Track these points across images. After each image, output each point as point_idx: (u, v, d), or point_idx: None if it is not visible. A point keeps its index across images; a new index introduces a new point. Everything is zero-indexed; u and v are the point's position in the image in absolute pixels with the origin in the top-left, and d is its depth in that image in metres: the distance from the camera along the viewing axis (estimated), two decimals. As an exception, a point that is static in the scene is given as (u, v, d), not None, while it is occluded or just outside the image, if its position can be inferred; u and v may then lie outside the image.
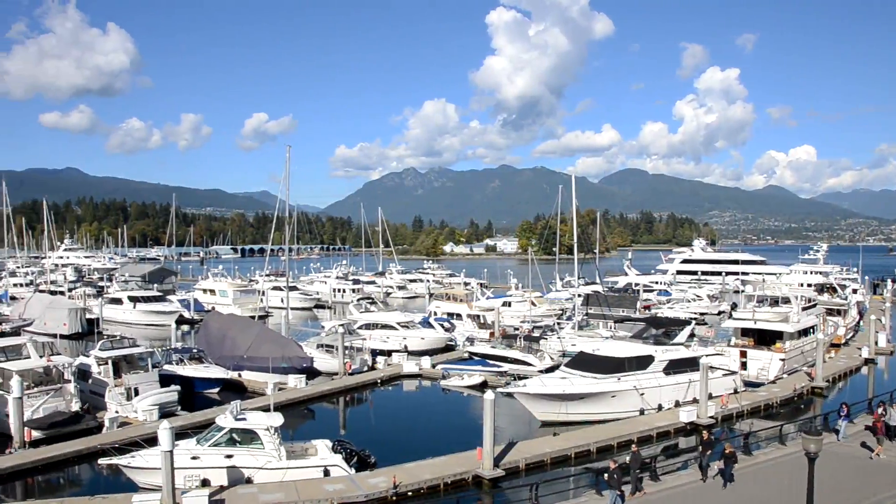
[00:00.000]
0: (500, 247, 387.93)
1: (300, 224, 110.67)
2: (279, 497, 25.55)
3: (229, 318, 57.27)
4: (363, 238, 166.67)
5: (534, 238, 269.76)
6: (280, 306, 78.29)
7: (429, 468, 28.65)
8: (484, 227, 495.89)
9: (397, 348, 57.94)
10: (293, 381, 45.58)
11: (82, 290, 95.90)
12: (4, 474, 30.00)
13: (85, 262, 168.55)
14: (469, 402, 44.73)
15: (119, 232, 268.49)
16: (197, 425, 32.94)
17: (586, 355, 40.43)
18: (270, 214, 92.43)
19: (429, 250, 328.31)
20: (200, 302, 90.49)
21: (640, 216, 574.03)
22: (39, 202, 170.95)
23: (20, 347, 40.09)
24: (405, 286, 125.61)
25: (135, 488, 27.17)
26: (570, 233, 71.06)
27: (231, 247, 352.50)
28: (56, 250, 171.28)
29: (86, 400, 38.94)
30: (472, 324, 67.42)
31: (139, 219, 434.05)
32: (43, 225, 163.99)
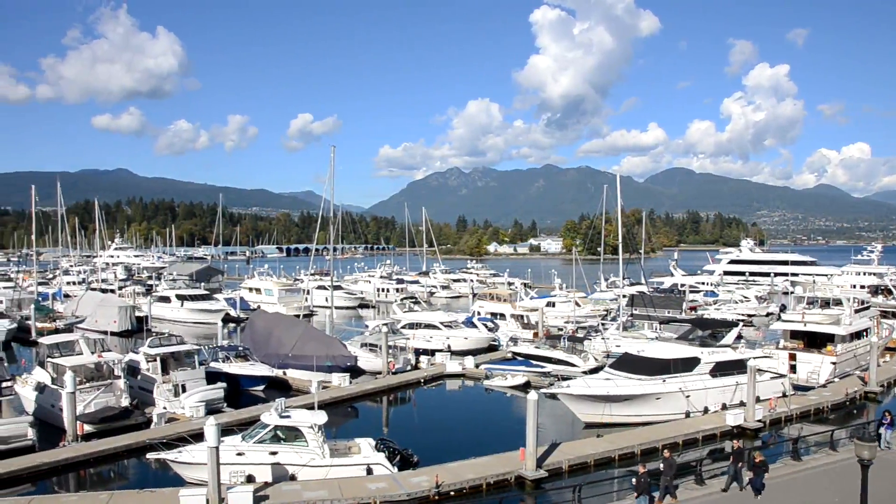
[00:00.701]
0: (544, 247, 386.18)
1: (344, 224, 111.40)
2: (322, 494, 25.74)
3: (274, 317, 57.89)
4: (407, 238, 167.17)
5: (578, 238, 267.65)
6: (324, 305, 79.07)
7: (471, 468, 28.62)
8: (528, 226, 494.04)
9: (441, 348, 57.95)
10: (337, 380, 45.89)
11: (132, 289, 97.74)
12: (59, 466, 30.94)
13: (134, 260, 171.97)
14: (512, 402, 44.61)
15: (167, 231, 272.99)
16: (242, 422, 33.38)
17: (631, 356, 40.01)
18: (315, 214, 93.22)
19: (472, 250, 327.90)
20: (246, 300, 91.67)
21: (686, 216, 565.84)
22: (91, 202, 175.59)
23: (73, 344, 41.28)
24: (449, 286, 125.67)
25: (181, 483, 27.64)
26: (614, 232, 70.64)
27: (276, 246, 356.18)
28: (107, 249, 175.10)
29: (135, 396, 39.71)
30: (516, 324, 67.19)
31: (187, 218, 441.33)
32: (95, 225, 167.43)
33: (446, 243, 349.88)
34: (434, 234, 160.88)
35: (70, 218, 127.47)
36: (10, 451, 31.80)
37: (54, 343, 41.64)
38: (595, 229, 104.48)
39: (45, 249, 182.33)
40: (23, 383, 39.87)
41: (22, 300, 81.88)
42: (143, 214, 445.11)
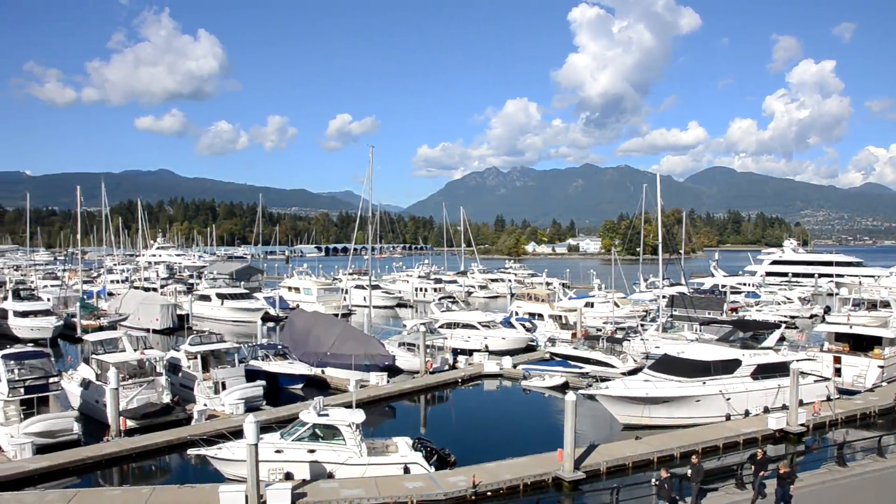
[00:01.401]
0: (582, 247, 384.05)
1: (383, 223, 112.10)
2: (360, 493, 25.87)
3: (313, 316, 58.32)
4: (445, 237, 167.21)
5: (617, 238, 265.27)
6: (363, 304, 79.49)
7: (508, 468, 28.54)
8: (566, 226, 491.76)
9: (478, 348, 57.92)
10: (375, 379, 46.09)
11: (173, 287, 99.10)
12: (103, 460, 31.58)
13: (176, 260, 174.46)
14: (550, 403, 44.40)
15: (208, 231, 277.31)
16: (281, 420, 33.71)
17: (670, 358, 39.58)
18: (354, 214, 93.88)
19: (510, 250, 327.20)
20: (285, 299, 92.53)
21: (727, 216, 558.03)
22: (134, 203, 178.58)
23: (116, 341, 42.12)
24: (487, 286, 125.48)
25: (221, 479, 27.98)
26: (654, 232, 69.76)
27: (315, 246, 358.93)
28: (149, 249, 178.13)
29: (176, 392, 40.29)
30: (554, 324, 66.86)
31: (227, 218, 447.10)
32: (138, 224, 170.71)
33: (484, 243, 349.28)
34: (472, 233, 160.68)
35: (114, 218, 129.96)
36: (57, 444, 32.51)
37: (98, 340, 42.53)
38: (634, 229, 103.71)
39: (90, 248, 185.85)
40: (69, 379, 40.78)
41: (68, 298, 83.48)
42: (185, 214, 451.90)
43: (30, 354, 37.62)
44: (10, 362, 35.70)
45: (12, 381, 34.38)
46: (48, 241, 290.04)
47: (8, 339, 62.66)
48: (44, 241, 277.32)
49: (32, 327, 66.34)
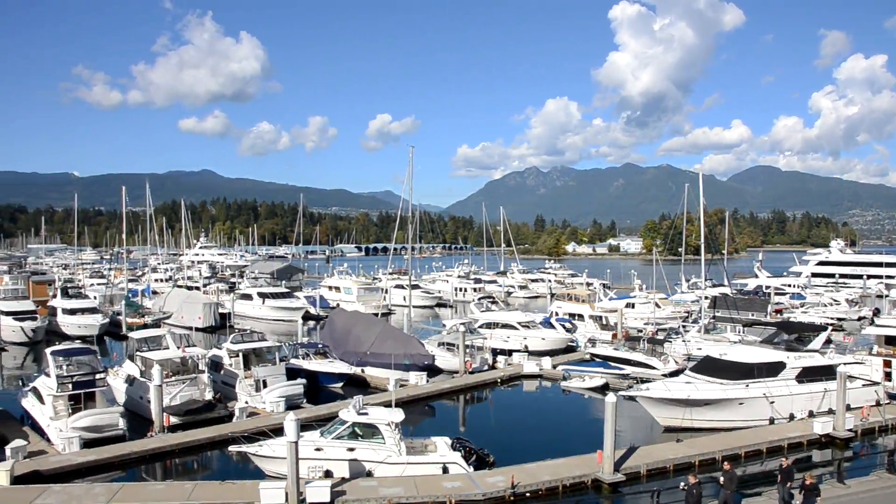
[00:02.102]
0: (623, 247, 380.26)
1: (423, 223, 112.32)
2: (398, 492, 25.95)
3: (353, 315, 58.65)
4: (485, 237, 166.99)
5: (658, 238, 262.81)
6: (402, 304, 79.77)
7: (547, 469, 28.40)
8: (607, 226, 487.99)
9: (518, 348, 57.68)
10: (414, 378, 46.19)
11: (216, 286, 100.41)
12: (147, 455, 32.20)
13: (218, 259, 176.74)
14: (590, 404, 44.07)
15: (250, 231, 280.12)
16: (321, 418, 33.96)
17: (713, 360, 39.04)
18: (394, 214, 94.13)
19: (551, 250, 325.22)
20: (326, 299, 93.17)
21: (771, 215, 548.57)
22: (178, 203, 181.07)
23: (160, 339, 42.82)
24: (526, 286, 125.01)
25: (262, 476, 28.28)
26: (696, 233, 68.98)
27: (355, 245, 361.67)
28: (192, 248, 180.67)
29: (218, 390, 40.87)
30: (594, 325, 66.42)
31: (268, 218, 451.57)
32: (181, 224, 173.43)
33: (524, 243, 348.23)
34: (512, 233, 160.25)
35: (158, 218, 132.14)
36: (103, 439, 33.27)
37: (143, 338, 43.20)
38: (676, 229, 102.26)
39: (135, 248, 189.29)
40: (114, 375, 41.59)
41: (113, 296, 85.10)
42: (227, 214, 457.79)
43: (77, 351, 38.57)
44: (58, 358, 36.64)
45: (61, 377, 35.24)
46: (95, 241, 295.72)
47: (57, 336, 64.29)
48: (91, 240, 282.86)
49: (80, 324, 67.84)
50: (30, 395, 37.88)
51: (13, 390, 44.59)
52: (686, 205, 74.16)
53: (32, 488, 26.86)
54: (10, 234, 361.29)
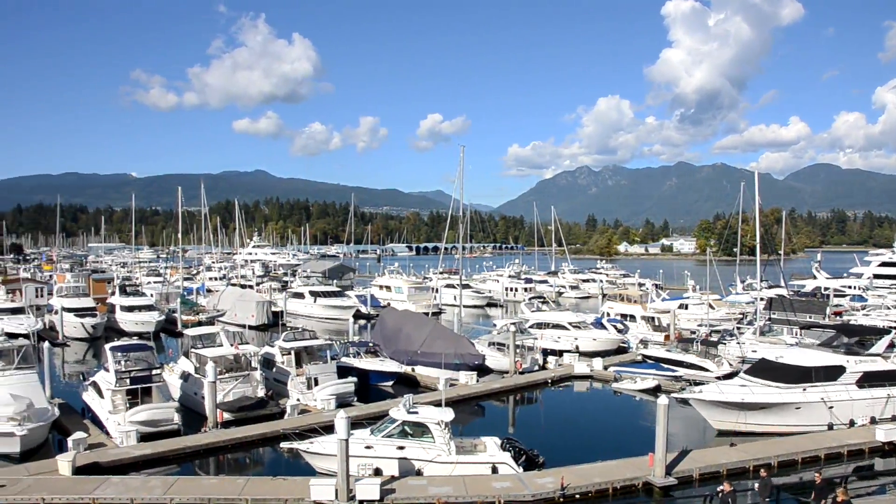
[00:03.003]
0: (676, 247, 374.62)
1: (473, 223, 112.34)
2: (448, 491, 25.96)
3: (404, 314, 58.83)
4: (536, 237, 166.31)
5: (713, 238, 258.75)
6: (453, 304, 79.75)
7: (598, 471, 28.12)
8: (660, 226, 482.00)
9: (569, 348, 57.30)
10: (464, 378, 46.18)
11: (268, 285, 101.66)
12: (200, 450, 32.77)
13: (271, 258, 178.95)
14: (641, 406, 43.53)
15: (302, 230, 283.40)
16: (371, 416, 34.12)
17: (768, 363, 38.21)
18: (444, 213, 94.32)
19: (602, 250, 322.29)
20: (377, 298, 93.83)
21: (830, 215, 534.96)
22: (232, 202, 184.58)
23: (214, 336, 43.53)
24: (578, 286, 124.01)
25: (312, 472, 28.58)
26: (751, 232, 67.74)
27: (406, 245, 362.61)
28: (246, 247, 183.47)
29: (270, 387, 41.42)
30: (646, 326, 65.60)
31: (320, 217, 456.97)
32: (235, 223, 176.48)
33: (575, 243, 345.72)
34: (563, 233, 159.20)
35: (212, 217, 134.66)
36: (158, 433, 33.96)
37: (197, 335, 43.94)
38: (731, 229, 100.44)
39: (190, 247, 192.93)
40: (169, 371, 42.37)
41: (169, 294, 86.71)
42: (280, 213, 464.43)
43: (135, 347, 39.46)
44: (117, 354, 37.56)
45: (119, 372, 36.09)
46: (152, 240, 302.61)
47: (115, 332, 65.82)
48: (147, 239, 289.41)
49: (137, 321, 69.41)
50: (90, 389, 39.00)
51: (75, 384, 45.89)
52: (741, 204, 72.66)
53: (92, 479, 27.59)
54: (71, 234, 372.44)
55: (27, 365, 36.83)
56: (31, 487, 26.64)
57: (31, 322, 64.92)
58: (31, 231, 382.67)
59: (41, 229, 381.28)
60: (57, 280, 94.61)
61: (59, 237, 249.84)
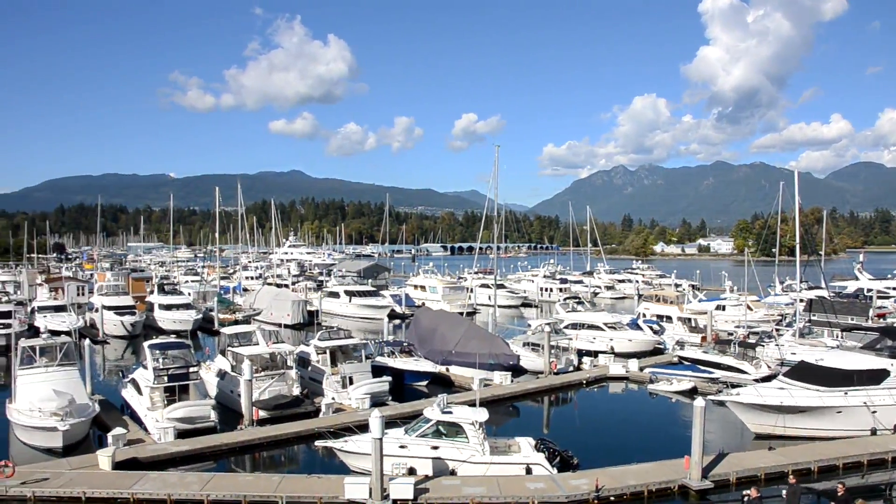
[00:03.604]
0: (713, 247, 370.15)
1: (508, 223, 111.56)
2: (481, 491, 25.91)
3: (439, 314, 58.86)
4: (571, 237, 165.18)
5: (751, 238, 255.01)
6: (487, 303, 79.68)
7: (633, 474, 27.86)
8: (696, 226, 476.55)
9: (604, 349, 56.93)
10: (499, 378, 46.07)
11: (304, 284, 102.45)
12: (236, 447, 33.19)
13: (306, 257, 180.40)
14: (677, 408, 43.05)
15: (337, 230, 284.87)
16: (405, 416, 34.18)
17: (809, 366, 37.48)
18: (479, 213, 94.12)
19: (638, 250, 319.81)
20: (411, 297, 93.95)
21: (874, 214, 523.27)
22: (268, 202, 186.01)
23: (250, 335, 43.97)
24: (613, 286, 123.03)
25: (347, 471, 28.71)
26: (791, 233, 66.47)
27: (441, 244, 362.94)
28: (282, 247, 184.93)
29: (305, 385, 41.63)
30: (683, 327, 64.86)
31: (355, 217, 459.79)
32: (271, 223, 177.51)
33: (611, 243, 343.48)
34: (598, 233, 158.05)
35: (249, 217, 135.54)
36: (195, 430, 34.42)
37: (234, 333, 44.47)
38: (769, 229, 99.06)
39: (227, 246, 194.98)
40: (206, 369, 42.90)
41: (206, 293, 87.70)
42: (315, 213, 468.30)
43: (173, 345, 40.10)
44: (155, 352, 38.13)
45: (157, 370, 36.66)
46: (189, 239, 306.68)
47: (154, 330, 66.78)
48: (185, 238, 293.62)
49: (175, 320, 70.33)
50: (129, 386, 39.67)
51: (114, 381, 46.65)
52: (780, 204, 71.19)
53: (131, 474, 28.09)
54: (111, 233, 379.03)
55: (69, 362, 37.55)
56: (72, 481, 27.22)
57: (73, 320, 66.25)
58: (73, 231, 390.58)
59: (83, 229, 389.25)
60: (98, 279, 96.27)
61: (100, 237, 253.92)
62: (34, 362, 36.98)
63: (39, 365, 36.78)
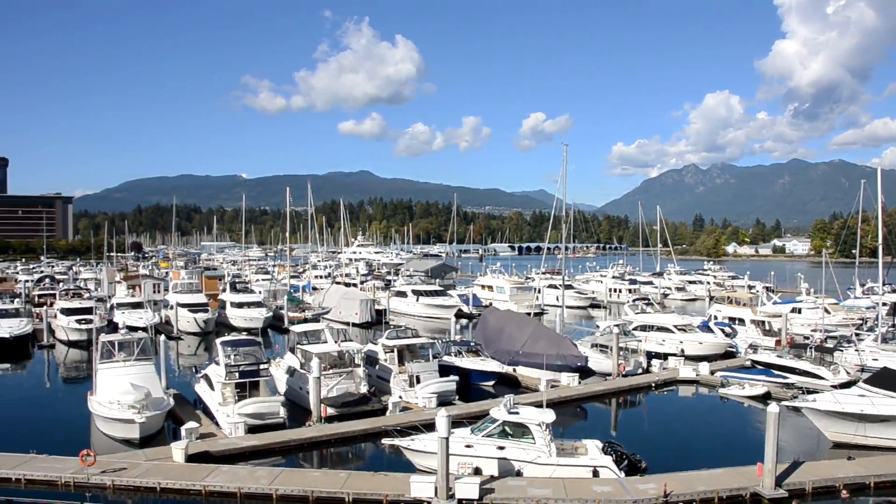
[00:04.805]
0: (789, 248, 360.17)
1: (576, 222, 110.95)
2: (547, 493, 25.68)
3: (506, 314, 58.66)
4: (640, 237, 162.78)
5: (829, 239, 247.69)
6: (555, 304, 79.15)
7: (702, 479, 27.18)
8: (771, 226, 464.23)
9: (673, 352, 55.88)
10: (566, 379, 45.64)
11: (372, 283, 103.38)
12: (304, 443, 33.68)
13: (375, 257, 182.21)
14: (749, 413, 41.92)
15: (405, 229, 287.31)
16: (472, 415, 34.15)
17: (891, 372, 36.01)
18: (547, 213, 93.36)
19: (710, 250, 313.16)
20: (478, 297, 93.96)
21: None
22: (337, 202, 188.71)
23: (319, 333, 44.62)
24: (684, 287, 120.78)
25: (412, 469, 28.80)
26: (872, 233, 64.22)
27: (508, 244, 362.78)
28: (350, 246, 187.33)
29: (372, 384, 41.97)
30: (756, 330, 63.11)
31: (423, 217, 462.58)
32: (340, 223, 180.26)
33: (682, 243, 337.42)
34: (669, 233, 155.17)
35: (318, 217, 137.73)
36: (265, 425, 35.06)
37: (303, 331, 45.15)
38: (850, 229, 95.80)
39: (297, 245, 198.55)
40: (276, 366, 43.63)
41: (277, 291, 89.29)
42: (383, 213, 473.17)
43: (244, 342, 40.92)
44: (227, 348, 39.03)
45: (229, 366, 37.49)
46: (260, 239, 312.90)
47: (226, 327, 68.42)
48: (256, 238, 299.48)
49: (246, 317, 71.78)
50: (202, 382, 40.68)
51: (187, 376, 47.91)
52: (861, 202, 68.96)
53: (203, 467, 28.77)
54: (186, 233, 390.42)
55: (146, 357, 38.73)
56: (148, 472, 28.06)
57: (149, 316, 68.27)
58: (150, 230, 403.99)
59: (158, 228, 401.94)
60: (172, 277, 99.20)
61: (175, 236, 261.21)
62: (113, 357, 38.24)
63: (118, 359, 38.04)
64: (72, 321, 63.76)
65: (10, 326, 62.11)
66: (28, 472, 27.98)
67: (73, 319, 63.96)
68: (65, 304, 69.09)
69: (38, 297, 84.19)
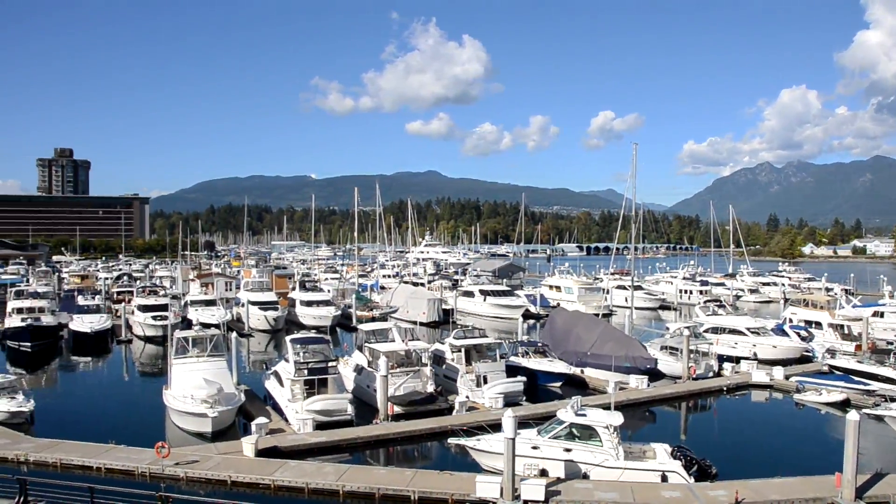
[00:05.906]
0: (870, 249, 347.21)
1: (646, 222, 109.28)
2: (614, 497, 25.33)
3: (574, 315, 58.18)
4: (712, 237, 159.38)
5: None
6: (624, 305, 78.16)
7: (776, 488, 26.38)
8: (851, 226, 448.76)
9: (746, 355, 54.45)
10: (635, 382, 44.97)
11: (439, 283, 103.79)
12: (371, 441, 34.00)
13: (442, 256, 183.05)
14: (826, 420, 40.56)
15: (472, 229, 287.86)
16: (539, 416, 33.95)
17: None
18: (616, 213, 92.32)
19: (784, 251, 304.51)
20: (546, 298, 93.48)
21: None
22: (405, 202, 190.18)
23: (387, 332, 45.10)
24: (757, 289, 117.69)
25: (478, 469, 28.75)
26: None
27: (576, 244, 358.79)
28: (418, 246, 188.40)
29: (439, 383, 42.15)
30: (834, 334, 61.11)
31: (490, 217, 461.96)
32: (407, 223, 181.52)
33: (755, 244, 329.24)
34: (742, 233, 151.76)
35: (386, 216, 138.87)
36: (332, 422, 35.51)
37: (371, 330, 45.78)
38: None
39: (365, 245, 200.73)
40: (344, 364, 44.18)
41: (345, 290, 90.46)
42: (451, 213, 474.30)
43: (312, 340, 41.63)
44: (296, 346, 39.73)
45: (298, 363, 38.11)
46: (329, 238, 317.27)
47: (295, 325, 69.57)
48: (325, 237, 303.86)
49: (315, 315, 72.85)
50: (271, 378, 41.49)
51: (258, 373, 48.91)
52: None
53: (272, 462, 29.37)
54: (257, 232, 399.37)
55: (218, 353, 39.82)
56: (219, 465, 28.81)
57: (222, 313, 70.02)
58: (222, 229, 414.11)
59: (230, 228, 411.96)
60: (244, 275, 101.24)
61: (246, 235, 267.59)
62: (187, 352, 39.48)
63: (192, 355, 39.22)
64: (148, 317, 65.91)
65: (91, 322, 64.82)
66: (108, 462, 29.18)
67: (149, 316, 66.14)
68: (141, 301, 71.49)
69: (116, 294, 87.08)
